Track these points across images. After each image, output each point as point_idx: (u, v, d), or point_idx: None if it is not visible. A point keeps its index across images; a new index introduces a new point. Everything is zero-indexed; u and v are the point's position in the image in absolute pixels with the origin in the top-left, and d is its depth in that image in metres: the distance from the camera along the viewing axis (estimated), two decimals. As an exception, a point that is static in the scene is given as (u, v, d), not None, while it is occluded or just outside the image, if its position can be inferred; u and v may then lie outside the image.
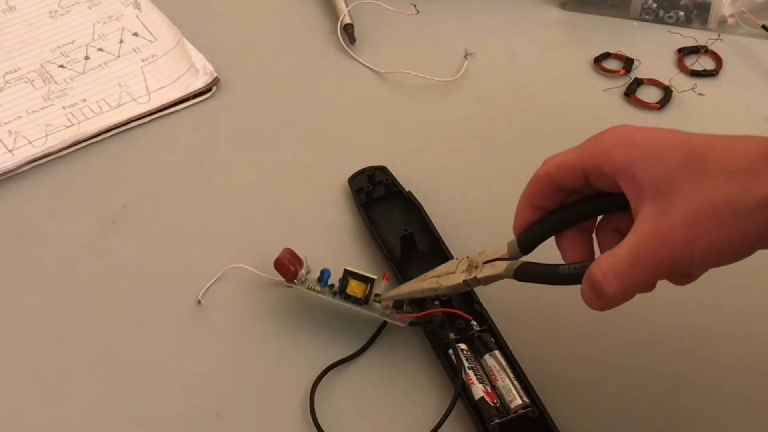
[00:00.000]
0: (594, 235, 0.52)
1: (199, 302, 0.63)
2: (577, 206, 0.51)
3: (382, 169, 0.69)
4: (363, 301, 0.60)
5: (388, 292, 0.59)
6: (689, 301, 0.62)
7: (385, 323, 0.60)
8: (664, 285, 0.62)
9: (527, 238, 0.52)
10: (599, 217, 0.51)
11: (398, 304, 0.60)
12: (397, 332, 0.60)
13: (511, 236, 0.53)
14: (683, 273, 0.47)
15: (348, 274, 0.60)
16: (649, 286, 0.47)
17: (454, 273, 0.56)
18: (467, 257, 0.56)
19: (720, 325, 0.61)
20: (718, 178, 0.44)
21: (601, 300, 0.47)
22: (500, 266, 0.53)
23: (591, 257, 0.50)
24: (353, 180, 0.68)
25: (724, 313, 0.62)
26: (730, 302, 0.62)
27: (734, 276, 0.63)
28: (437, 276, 0.57)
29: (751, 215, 0.43)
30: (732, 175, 0.44)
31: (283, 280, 0.61)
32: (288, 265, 0.60)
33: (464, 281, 0.55)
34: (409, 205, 0.66)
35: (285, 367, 0.60)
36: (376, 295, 0.60)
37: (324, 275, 0.61)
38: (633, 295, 0.47)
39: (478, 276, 0.54)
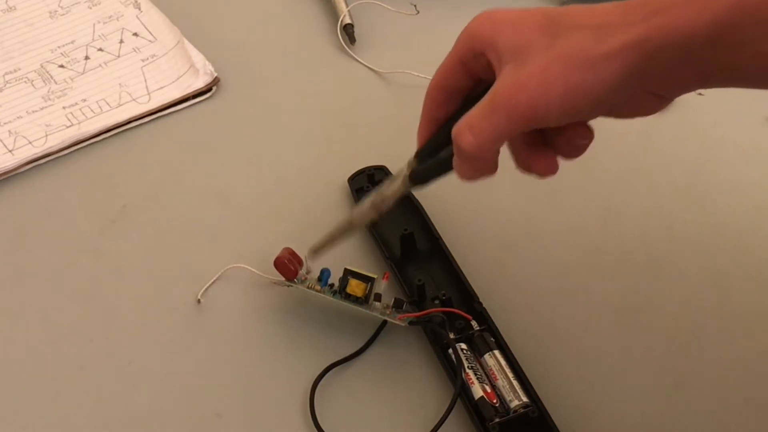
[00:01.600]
0: None
1: (199, 301, 0.63)
2: (468, 105, 0.50)
3: (382, 169, 0.69)
4: (363, 301, 0.60)
5: (316, 244, 0.60)
6: (689, 301, 0.62)
7: (385, 323, 0.60)
8: (664, 286, 0.63)
9: (424, 149, 0.52)
10: None
11: (398, 303, 0.60)
12: (397, 332, 0.60)
13: (510, 232, 0.53)
14: (542, 123, 0.46)
15: (348, 274, 0.60)
16: (506, 138, 0.47)
17: (365, 204, 0.57)
18: (376, 188, 0.56)
19: (720, 325, 0.61)
20: (573, 32, 0.44)
21: (462, 159, 0.47)
22: (399, 181, 0.54)
23: None
24: (353, 179, 0.68)
25: (724, 313, 0.62)
26: (730, 302, 0.62)
27: (734, 276, 0.63)
28: (350, 214, 0.58)
29: (603, 62, 0.43)
30: (587, 28, 0.44)
31: (283, 279, 0.61)
32: (288, 264, 0.61)
33: (371, 203, 0.55)
34: (409, 204, 0.66)
35: (285, 367, 0.60)
36: (377, 294, 0.60)
37: (324, 275, 0.61)
38: (491, 150, 0.47)
39: (383, 194, 0.55)
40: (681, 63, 0.43)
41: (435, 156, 0.52)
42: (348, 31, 0.79)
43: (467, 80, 0.50)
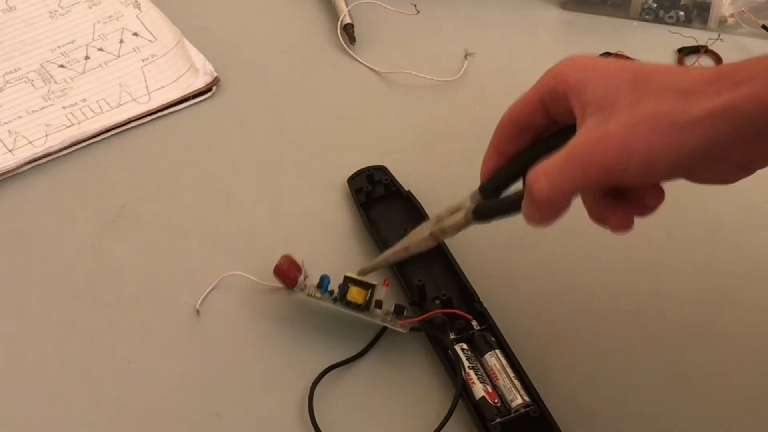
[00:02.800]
0: None
1: (198, 312, 0.63)
2: (538, 145, 0.51)
3: (381, 169, 0.69)
4: (364, 308, 0.60)
5: (367, 266, 0.60)
6: (689, 301, 0.62)
7: (385, 327, 0.60)
8: (664, 285, 0.63)
9: (489, 183, 0.52)
10: None
11: (398, 310, 0.60)
12: (398, 334, 0.60)
13: (510, 232, 0.53)
14: (618, 182, 0.46)
15: (348, 281, 0.60)
16: (580, 191, 0.47)
17: (423, 231, 0.57)
18: (436, 215, 0.56)
19: (720, 325, 0.61)
20: (660, 94, 0.44)
21: (532, 204, 0.47)
22: (461, 214, 0.54)
23: None
24: (352, 180, 0.68)
25: (724, 312, 0.62)
26: (730, 302, 0.62)
27: (734, 276, 0.63)
28: (409, 239, 0.58)
29: (688, 128, 0.43)
30: (675, 91, 0.44)
31: (283, 286, 0.61)
32: (288, 272, 0.60)
33: (430, 234, 0.55)
34: (409, 204, 0.66)
35: (285, 369, 0.60)
36: (377, 301, 0.60)
37: (324, 282, 0.61)
38: (565, 200, 0.46)
39: (443, 226, 0.55)
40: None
41: (499, 192, 0.52)
42: (348, 31, 0.79)
43: (543, 120, 0.50)
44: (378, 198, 0.67)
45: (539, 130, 0.51)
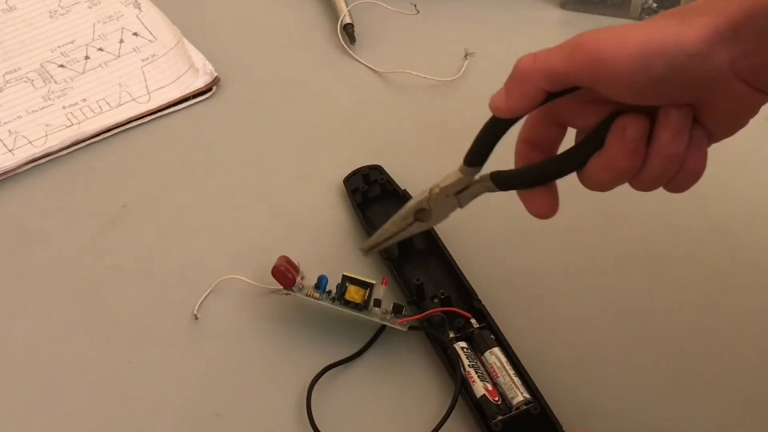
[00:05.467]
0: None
1: (196, 317, 0.63)
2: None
3: (377, 169, 0.68)
4: (362, 307, 0.60)
5: (366, 243, 0.57)
6: (689, 300, 0.62)
7: (384, 326, 0.60)
8: (664, 285, 0.63)
9: (475, 151, 0.51)
10: None
11: (397, 309, 0.60)
12: (396, 333, 0.60)
13: (508, 230, 0.53)
14: (607, 76, 0.45)
15: (346, 280, 0.60)
16: (560, 79, 0.46)
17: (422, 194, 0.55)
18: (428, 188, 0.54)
19: (720, 325, 0.61)
20: (662, 16, 0.45)
21: (507, 81, 0.47)
22: (455, 176, 0.52)
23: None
24: (348, 180, 0.68)
25: (724, 312, 0.62)
26: (730, 302, 0.62)
27: (734, 275, 0.63)
28: (407, 205, 0.55)
29: (686, 24, 0.43)
30: (673, 13, 0.45)
31: (281, 287, 0.61)
32: (286, 273, 0.60)
33: (429, 191, 0.53)
34: (405, 203, 0.66)
35: (284, 369, 0.60)
36: (376, 300, 0.60)
37: (322, 282, 0.61)
38: (540, 79, 0.46)
39: (441, 185, 0.53)
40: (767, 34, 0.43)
41: (484, 159, 0.51)
42: (348, 30, 0.79)
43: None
44: (374, 198, 0.67)
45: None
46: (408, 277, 0.62)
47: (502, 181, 0.51)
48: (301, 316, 0.62)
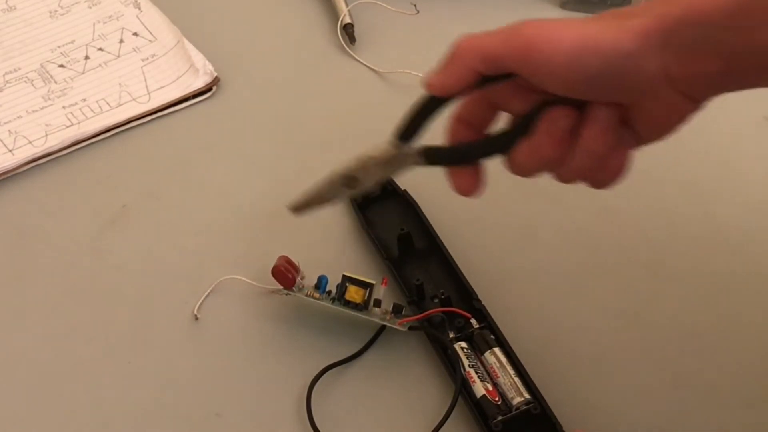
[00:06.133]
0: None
1: (196, 318, 0.63)
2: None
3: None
4: (362, 307, 0.60)
5: (293, 202, 0.56)
6: (689, 300, 0.62)
7: (384, 326, 0.60)
8: (664, 284, 0.63)
9: (406, 126, 0.52)
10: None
11: (397, 309, 0.60)
12: (396, 333, 0.60)
13: (508, 230, 0.53)
14: (540, 66, 0.46)
15: (346, 280, 0.60)
16: (495, 58, 0.47)
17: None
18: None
19: (720, 325, 0.61)
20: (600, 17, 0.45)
21: (446, 57, 0.48)
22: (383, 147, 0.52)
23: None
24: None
25: (723, 312, 0.62)
26: (729, 301, 0.62)
27: (734, 275, 0.63)
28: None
29: (622, 25, 0.44)
30: (613, 13, 0.45)
31: (281, 287, 0.61)
32: (285, 273, 0.60)
33: (357, 158, 0.53)
34: (405, 204, 0.66)
35: (284, 369, 0.60)
36: (376, 300, 0.60)
37: (322, 282, 0.61)
38: (474, 58, 0.47)
39: (371, 155, 0.53)
40: (702, 42, 0.43)
41: (412, 134, 0.52)
42: (348, 30, 0.79)
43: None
44: (374, 198, 0.67)
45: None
46: (408, 277, 0.62)
47: (430, 156, 0.51)
48: (301, 316, 0.62)
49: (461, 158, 0.51)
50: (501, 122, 0.51)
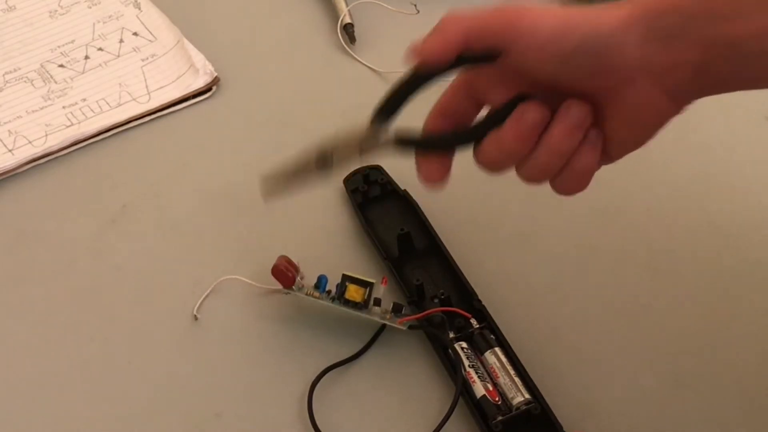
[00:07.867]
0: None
1: (196, 318, 0.63)
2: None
3: (377, 169, 0.68)
4: (362, 305, 0.60)
5: (267, 178, 0.55)
6: (689, 300, 0.62)
7: (384, 325, 0.60)
8: (664, 284, 0.63)
9: (384, 107, 0.52)
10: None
11: (397, 308, 0.60)
12: (397, 333, 0.60)
13: (508, 230, 0.53)
14: (519, 45, 0.47)
15: (346, 279, 0.60)
16: (479, 28, 0.47)
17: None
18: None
19: (720, 324, 0.61)
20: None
21: (430, 32, 0.48)
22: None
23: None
24: (348, 180, 0.68)
25: (724, 312, 0.62)
26: (730, 301, 0.62)
27: (734, 275, 0.63)
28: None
29: (603, 11, 0.46)
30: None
31: (281, 287, 0.61)
32: (285, 273, 0.60)
33: (333, 139, 0.53)
34: (405, 204, 0.66)
35: (284, 369, 0.60)
36: (376, 299, 0.60)
37: (321, 281, 0.61)
38: (457, 32, 0.47)
39: (346, 135, 0.53)
40: (680, 30, 0.44)
41: (390, 115, 0.52)
42: (348, 30, 0.79)
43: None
44: (374, 198, 0.67)
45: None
46: (408, 277, 0.62)
47: (402, 139, 0.51)
48: (301, 316, 0.62)
49: (432, 145, 0.51)
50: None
